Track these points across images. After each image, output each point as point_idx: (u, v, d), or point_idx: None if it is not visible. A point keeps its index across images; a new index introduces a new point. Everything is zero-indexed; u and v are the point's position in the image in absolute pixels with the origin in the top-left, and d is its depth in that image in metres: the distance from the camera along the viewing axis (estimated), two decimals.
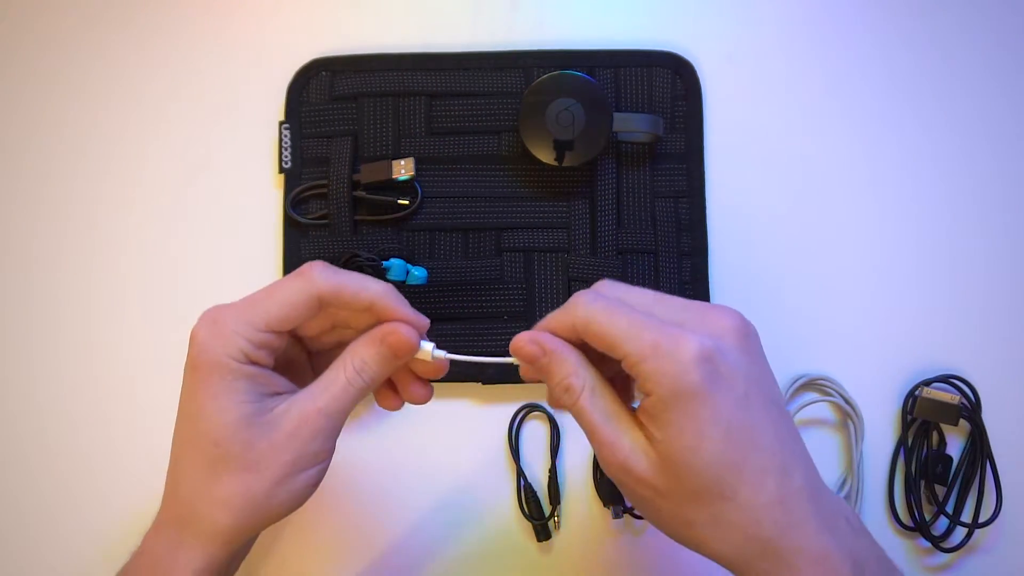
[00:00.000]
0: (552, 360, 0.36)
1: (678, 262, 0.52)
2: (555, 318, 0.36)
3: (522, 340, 0.37)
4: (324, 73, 0.53)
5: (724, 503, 0.33)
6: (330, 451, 0.37)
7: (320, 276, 0.36)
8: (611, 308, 0.35)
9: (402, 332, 0.37)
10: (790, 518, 0.33)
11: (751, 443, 0.33)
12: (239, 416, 0.35)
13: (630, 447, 0.34)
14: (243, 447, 0.35)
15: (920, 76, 0.54)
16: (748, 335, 0.35)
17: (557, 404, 0.37)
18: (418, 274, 0.50)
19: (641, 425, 0.35)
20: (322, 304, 0.37)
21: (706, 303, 0.37)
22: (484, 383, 0.51)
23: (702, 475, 0.33)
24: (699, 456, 0.33)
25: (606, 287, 0.37)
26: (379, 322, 0.38)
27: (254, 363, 0.36)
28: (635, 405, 0.36)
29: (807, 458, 0.35)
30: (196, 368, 0.35)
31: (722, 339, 0.34)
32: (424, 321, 0.39)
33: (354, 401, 0.37)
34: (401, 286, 0.50)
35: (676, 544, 0.48)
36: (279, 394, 0.37)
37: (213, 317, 0.36)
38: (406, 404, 0.42)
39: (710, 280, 0.52)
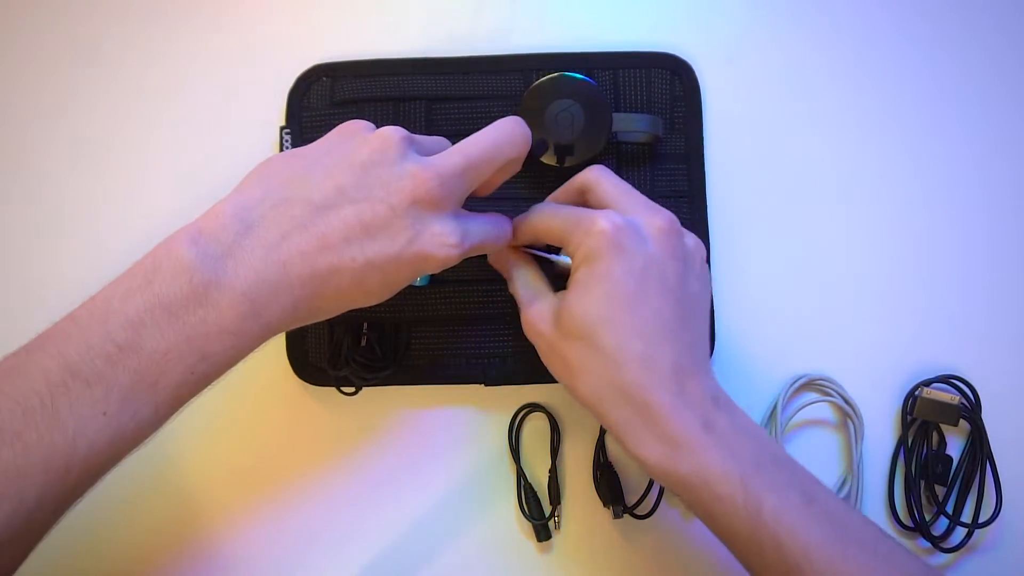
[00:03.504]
0: (508, 262, 0.47)
1: None
2: (519, 221, 0.45)
3: (494, 260, 0.48)
4: (325, 79, 0.53)
5: (592, 349, 0.40)
6: None
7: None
8: (549, 211, 0.44)
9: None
10: (649, 377, 0.39)
11: (629, 308, 0.40)
12: None
13: (538, 308, 0.43)
14: None
15: (921, 75, 0.54)
16: (669, 234, 0.42)
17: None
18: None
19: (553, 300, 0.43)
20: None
21: (656, 205, 0.44)
22: (487, 384, 0.51)
23: (579, 320, 0.40)
24: (581, 304, 0.40)
25: (593, 171, 0.45)
26: None
27: None
28: None
29: (694, 350, 0.42)
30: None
31: (641, 228, 0.41)
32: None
33: None
34: (405, 288, 0.50)
35: (676, 544, 0.49)
36: None
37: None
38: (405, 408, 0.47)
39: (714, 279, 0.52)
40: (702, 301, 0.43)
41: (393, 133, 0.40)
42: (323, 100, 0.53)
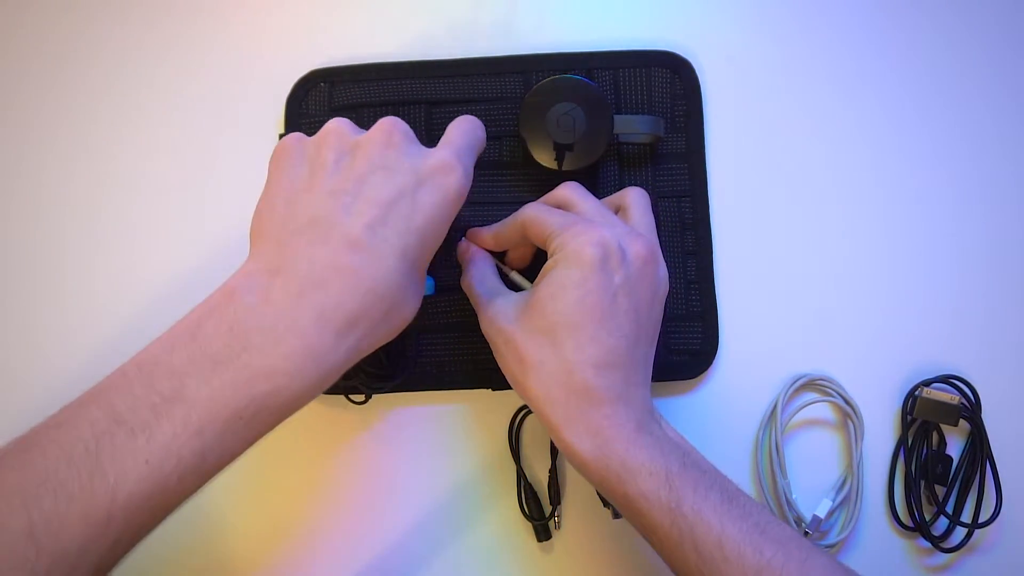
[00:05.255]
0: (466, 262, 0.49)
1: (683, 261, 0.52)
2: (506, 221, 0.47)
3: (460, 248, 0.50)
4: (323, 84, 0.53)
5: (552, 348, 0.41)
6: None
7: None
8: (545, 209, 0.45)
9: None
10: (598, 384, 0.41)
11: (598, 320, 0.41)
12: None
13: (499, 305, 0.45)
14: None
15: (922, 74, 0.54)
16: (647, 261, 0.43)
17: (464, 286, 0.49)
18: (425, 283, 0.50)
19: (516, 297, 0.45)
20: None
21: (635, 230, 0.45)
22: (494, 390, 0.51)
23: (546, 318, 0.42)
24: (551, 302, 0.42)
25: (567, 188, 0.47)
26: None
27: None
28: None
29: (643, 368, 0.44)
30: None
31: (627, 252, 0.43)
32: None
33: None
34: None
35: None
36: None
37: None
38: (406, 408, 0.47)
39: (716, 278, 0.52)
40: (658, 326, 0.45)
41: (393, 125, 0.42)
42: (321, 106, 0.53)
